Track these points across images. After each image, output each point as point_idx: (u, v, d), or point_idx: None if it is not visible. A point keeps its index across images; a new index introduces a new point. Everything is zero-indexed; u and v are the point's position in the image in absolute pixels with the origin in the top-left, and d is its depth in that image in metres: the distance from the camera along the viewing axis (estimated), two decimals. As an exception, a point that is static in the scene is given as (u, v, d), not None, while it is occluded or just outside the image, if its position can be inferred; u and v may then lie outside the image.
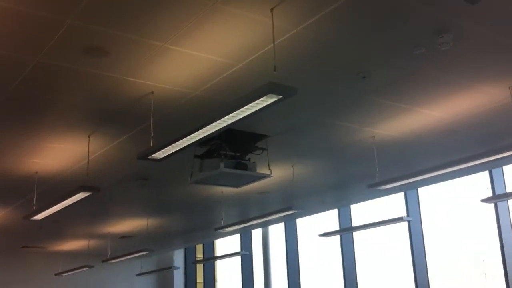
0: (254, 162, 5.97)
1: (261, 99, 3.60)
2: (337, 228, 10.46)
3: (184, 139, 4.53)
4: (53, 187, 7.60)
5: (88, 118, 5.35)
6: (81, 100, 4.91)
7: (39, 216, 6.86)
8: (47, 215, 6.79)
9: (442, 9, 3.75)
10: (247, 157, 5.97)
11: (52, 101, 4.91)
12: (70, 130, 5.63)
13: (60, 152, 6.28)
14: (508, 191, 8.23)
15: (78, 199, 6.08)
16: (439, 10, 3.75)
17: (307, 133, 6.06)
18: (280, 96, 3.57)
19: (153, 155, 4.91)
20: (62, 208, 6.48)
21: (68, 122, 5.42)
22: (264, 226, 11.99)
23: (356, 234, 10.45)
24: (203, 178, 5.82)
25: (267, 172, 5.97)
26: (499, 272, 8.25)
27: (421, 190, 9.44)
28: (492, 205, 8.30)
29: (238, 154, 5.90)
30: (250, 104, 3.70)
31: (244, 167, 5.82)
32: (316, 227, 11.29)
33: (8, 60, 4.15)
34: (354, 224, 10.41)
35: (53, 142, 5.96)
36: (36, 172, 6.99)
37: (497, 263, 8.30)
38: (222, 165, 5.58)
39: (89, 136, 5.82)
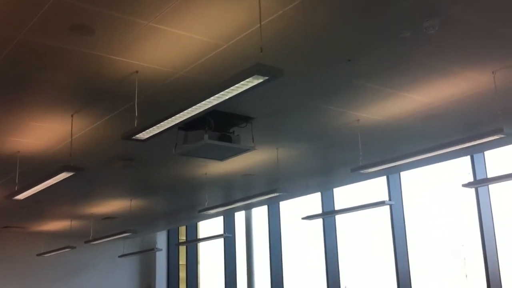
0: (238, 135, 5.97)
1: (247, 80, 3.59)
2: (319, 211, 10.53)
3: (169, 119, 4.51)
4: (36, 167, 7.54)
5: (71, 97, 5.29)
6: (65, 78, 4.86)
7: (21, 196, 6.81)
8: (29, 195, 6.74)
9: (429, -7, 3.76)
10: (231, 130, 5.98)
11: (35, 79, 4.84)
12: (53, 109, 5.57)
13: (42, 131, 6.22)
14: (489, 176, 8.33)
15: (61, 179, 6.04)
16: (426, -7, 3.76)
17: (292, 115, 6.07)
18: (267, 78, 3.56)
19: (137, 136, 4.89)
20: (45, 188, 6.43)
21: (51, 101, 5.36)
22: (248, 208, 12.03)
23: (338, 218, 10.54)
24: (187, 149, 5.81)
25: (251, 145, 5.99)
26: (478, 256, 8.38)
27: (403, 174, 9.52)
28: (473, 190, 8.41)
29: (222, 126, 5.90)
30: (236, 85, 3.70)
31: (228, 139, 5.83)
32: (299, 210, 11.36)
33: (-10, 36, 4.08)
34: (336, 207, 10.50)
35: (36, 121, 5.90)
36: (18, 151, 6.92)
37: (477, 247, 8.43)
38: (206, 136, 5.58)
39: (72, 115, 5.77)
